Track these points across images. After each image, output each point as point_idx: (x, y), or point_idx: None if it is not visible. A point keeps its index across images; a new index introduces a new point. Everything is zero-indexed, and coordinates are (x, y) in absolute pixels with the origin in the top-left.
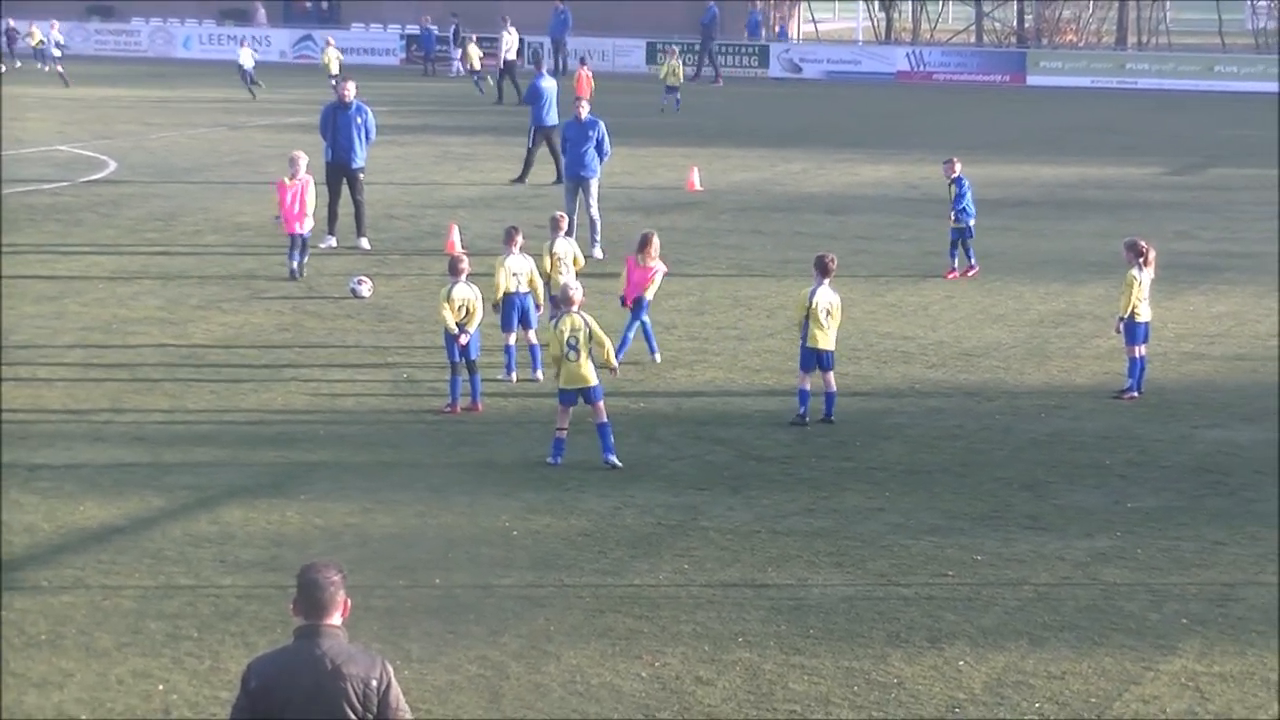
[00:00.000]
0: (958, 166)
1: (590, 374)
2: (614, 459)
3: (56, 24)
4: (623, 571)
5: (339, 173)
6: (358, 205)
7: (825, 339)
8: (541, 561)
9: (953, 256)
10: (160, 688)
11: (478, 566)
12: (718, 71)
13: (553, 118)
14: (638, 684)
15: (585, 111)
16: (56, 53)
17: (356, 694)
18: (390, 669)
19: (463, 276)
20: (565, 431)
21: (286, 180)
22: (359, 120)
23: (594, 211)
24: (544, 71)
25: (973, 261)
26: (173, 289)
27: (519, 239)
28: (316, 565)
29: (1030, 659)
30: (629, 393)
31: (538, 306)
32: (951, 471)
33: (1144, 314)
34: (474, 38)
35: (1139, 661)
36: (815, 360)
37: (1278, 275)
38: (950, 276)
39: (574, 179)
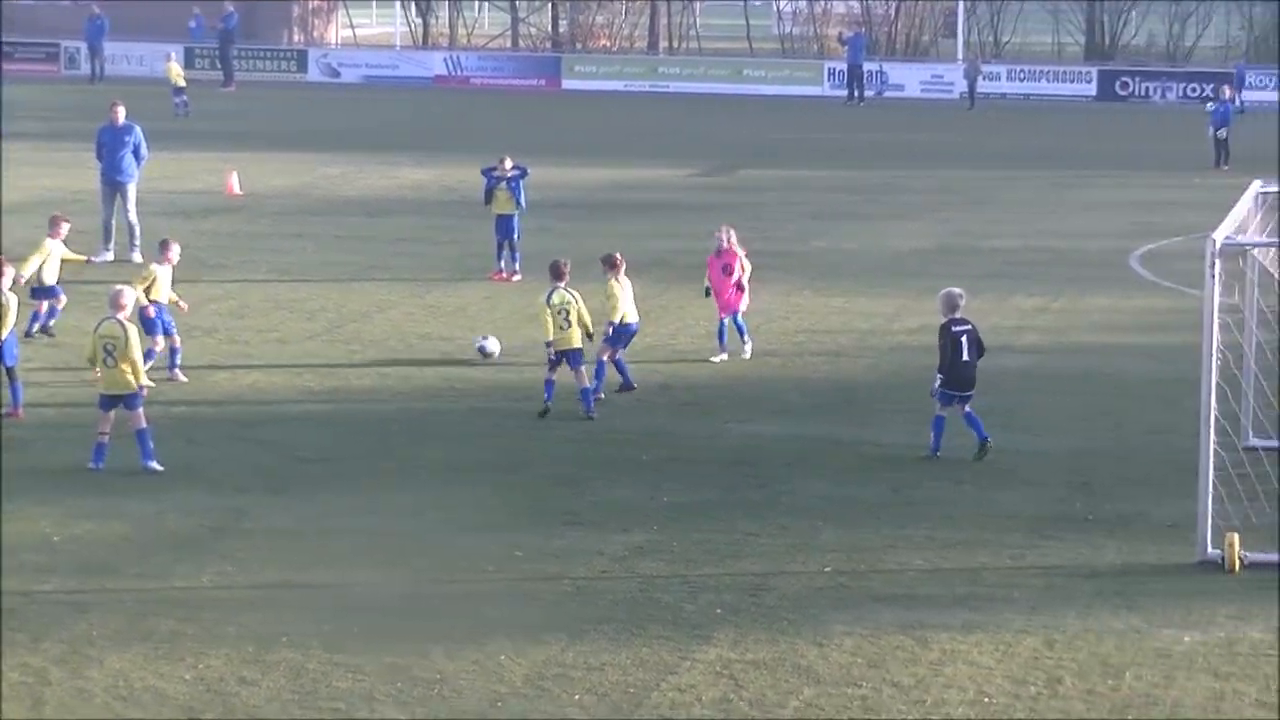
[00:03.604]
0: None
1: (129, 381)
2: (154, 464)
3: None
4: (166, 575)
5: None
6: None
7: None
8: (83, 567)
9: (499, 258)
10: None
11: (19, 573)
12: (230, 76)
13: None
14: (181, 686)
15: (121, 116)
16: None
17: None
18: None
19: (3, 282)
20: (107, 436)
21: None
22: None
23: (132, 216)
24: None
25: (517, 267)
26: None
27: (173, 251)
28: None
29: (570, 651)
30: (170, 398)
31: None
32: (492, 469)
33: (631, 317)
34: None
35: (675, 651)
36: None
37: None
38: (496, 278)
39: (111, 184)
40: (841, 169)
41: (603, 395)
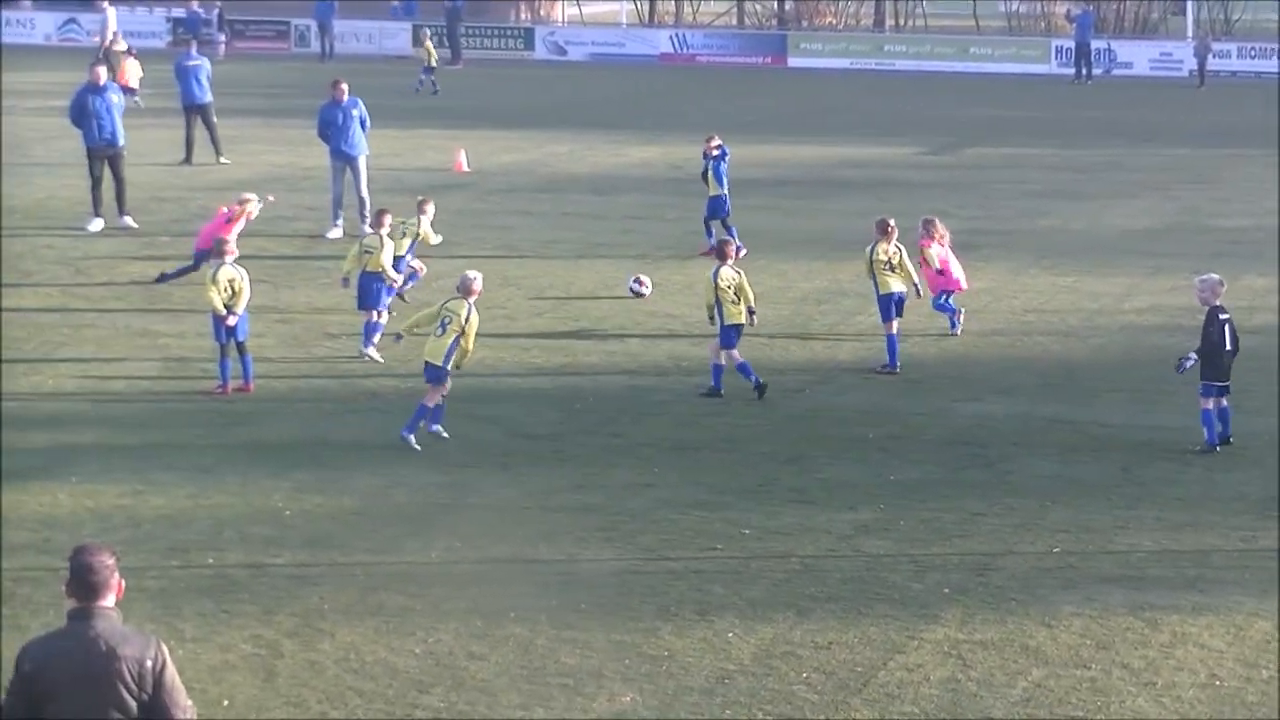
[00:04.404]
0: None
1: (443, 353)
2: (412, 439)
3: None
4: (394, 549)
5: (102, 154)
6: (121, 182)
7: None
8: (313, 540)
9: (708, 235)
10: None
11: (250, 546)
12: (458, 54)
13: (202, 95)
14: (411, 660)
15: (345, 93)
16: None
17: (131, 675)
18: (165, 649)
19: (228, 258)
20: (436, 402)
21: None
22: (114, 100)
23: (364, 190)
24: (191, 51)
25: (739, 243)
26: None
27: (386, 220)
28: (89, 548)
29: (797, 630)
30: (398, 372)
31: (390, 288)
32: (717, 447)
33: (897, 287)
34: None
35: (903, 630)
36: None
37: (1278, 250)
38: (708, 254)
39: (342, 159)
40: (1068, 148)
41: (898, 368)
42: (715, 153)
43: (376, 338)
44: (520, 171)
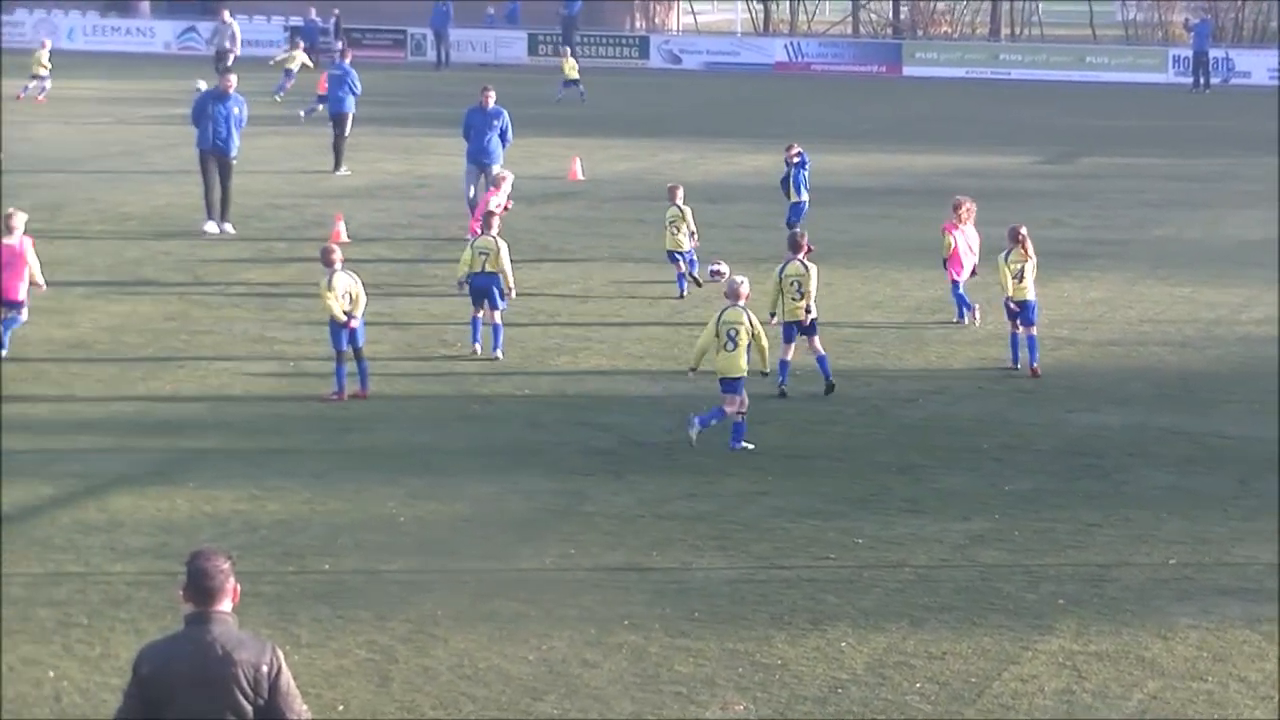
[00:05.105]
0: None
1: (742, 367)
2: (744, 444)
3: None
4: (508, 556)
5: (213, 158)
6: (227, 193)
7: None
8: (427, 547)
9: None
10: (51, 674)
11: (364, 552)
12: None
13: (344, 105)
14: (524, 667)
15: (491, 101)
16: None
17: (247, 679)
18: (280, 654)
19: (337, 265)
20: (735, 413)
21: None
22: (235, 111)
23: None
24: (342, 63)
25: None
26: (59, 278)
27: (495, 222)
28: (205, 553)
29: (911, 640)
30: (512, 374)
31: (507, 289)
32: (830, 456)
33: (1025, 295)
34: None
35: (1017, 641)
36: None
37: (1278, 263)
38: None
39: (477, 165)
40: (1185, 157)
41: (1037, 367)
42: (796, 160)
43: (501, 338)
44: (634, 180)
